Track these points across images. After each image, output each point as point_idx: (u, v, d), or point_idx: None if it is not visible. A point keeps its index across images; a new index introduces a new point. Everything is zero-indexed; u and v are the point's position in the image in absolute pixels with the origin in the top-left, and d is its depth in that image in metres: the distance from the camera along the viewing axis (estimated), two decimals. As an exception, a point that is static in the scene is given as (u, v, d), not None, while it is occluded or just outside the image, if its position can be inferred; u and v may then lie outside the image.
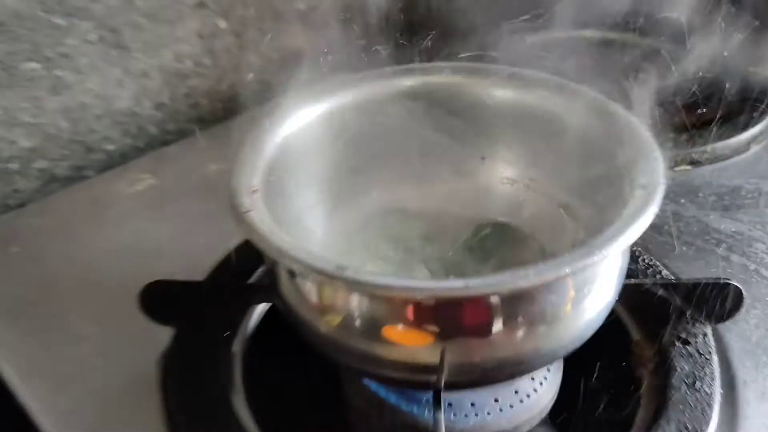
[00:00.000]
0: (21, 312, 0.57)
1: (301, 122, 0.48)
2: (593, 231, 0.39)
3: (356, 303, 0.37)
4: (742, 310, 0.51)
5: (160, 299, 0.51)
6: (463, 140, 0.54)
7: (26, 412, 0.51)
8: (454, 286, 0.34)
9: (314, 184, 0.50)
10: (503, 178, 0.55)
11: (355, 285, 0.35)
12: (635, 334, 0.53)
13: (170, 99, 0.80)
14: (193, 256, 0.61)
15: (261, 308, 0.56)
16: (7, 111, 0.69)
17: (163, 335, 0.53)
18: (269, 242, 0.37)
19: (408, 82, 0.52)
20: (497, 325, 0.38)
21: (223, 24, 0.81)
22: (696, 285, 0.50)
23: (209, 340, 0.52)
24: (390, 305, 0.37)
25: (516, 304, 0.37)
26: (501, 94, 0.52)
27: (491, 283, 0.35)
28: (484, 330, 0.38)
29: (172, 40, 0.78)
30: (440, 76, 0.52)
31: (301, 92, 0.49)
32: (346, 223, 0.52)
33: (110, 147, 0.78)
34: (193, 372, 0.51)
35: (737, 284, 0.50)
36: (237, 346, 0.53)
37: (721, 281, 0.50)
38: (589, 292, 0.40)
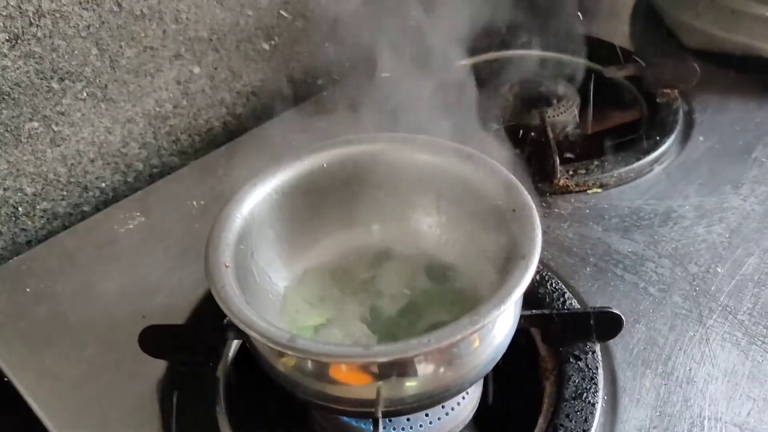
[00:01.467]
0: (38, 350, 0.69)
1: (258, 198, 0.59)
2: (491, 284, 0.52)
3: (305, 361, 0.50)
4: (623, 330, 0.63)
5: (155, 339, 0.63)
6: (390, 194, 0.66)
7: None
8: (376, 352, 0.47)
9: (272, 246, 0.62)
10: (428, 222, 0.67)
11: (302, 353, 0.47)
12: (542, 351, 0.65)
13: (153, 138, 0.91)
14: (180, 293, 0.73)
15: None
16: (13, 165, 0.80)
17: (160, 364, 0.66)
18: (237, 318, 0.49)
19: (342, 151, 0.63)
20: (420, 368, 0.51)
21: (197, 69, 0.92)
22: (586, 314, 0.63)
23: (196, 369, 0.65)
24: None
25: (430, 356, 0.49)
26: (418, 158, 0.63)
27: (400, 349, 0.47)
28: (409, 372, 0.51)
29: (153, 89, 0.88)
30: (366, 146, 0.63)
31: (256, 176, 0.60)
32: (299, 272, 0.65)
33: (103, 185, 0.89)
34: (184, 395, 0.63)
35: (617, 312, 0.62)
36: (220, 372, 0.66)
37: (605, 310, 0.63)
38: (490, 335, 0.52)
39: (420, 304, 0.63)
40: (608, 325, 0.63)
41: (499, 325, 0.54)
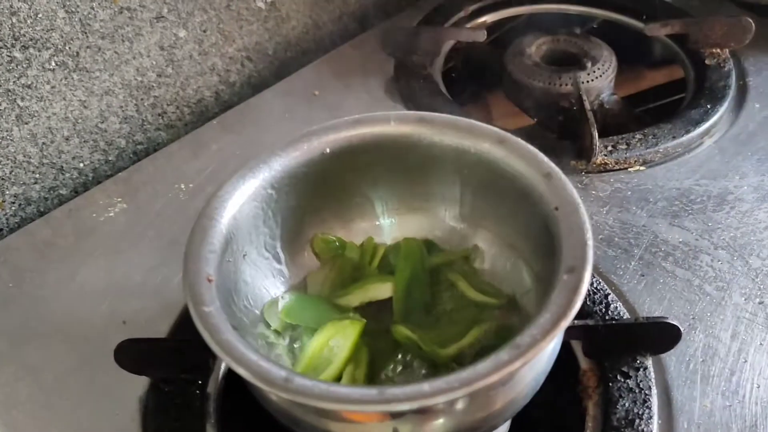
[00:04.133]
0: (7, 361, 0.61)
1: (248, 193, 0.50)
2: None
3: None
4: (680, 342, 0.54)
5: (134, 354, 0.54)
6: (405, 184, 0.56)
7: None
8: (392, 397, 0.37)
9: (266, 248, 0.53)
10: (450, 216, 0.57)
11: (299, 396, 0.38)
12: (582, 364, 0.56)
13: (136, 111, 0.81)
14: (167, 293, 0.64)
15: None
16: (-25, 146, 0.70)
17: (142, 379, 0.57)
18: (223, 351, 0.40)
19: (348, 134, 0.53)
20: (442, 407, 0.41)
21: (182, 32, 0.81)
22: (637, 325, 0.53)
23: (182, 385, 0.56)
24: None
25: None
26: (447, 140, 0.53)
27: (422, 394, 0.37)
28: (432, 411, 0.42)
29: (133, 56, 0.78)
30: (377, 127, 0.53)
31: (244, 166, 0.50)
32: (299, 277, 0.56)
33: (81, 165, 0.79)
34: (170, 415, 0.55)
35: (674, 323, 0.53)
36: (211, 388, 0.57)
37: (660, 320, 0.53)
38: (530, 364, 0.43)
39: (440, 314, 0.54)
40: (662, 336, 0.54)
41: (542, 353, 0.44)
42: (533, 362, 0.42)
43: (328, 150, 0.53)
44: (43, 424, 0.56)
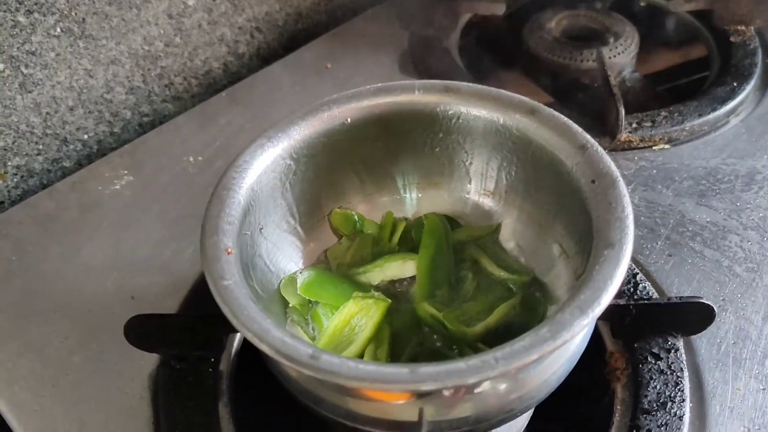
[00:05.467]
0: (3, 339, 0.58)
1: (267, 162, 0.47)
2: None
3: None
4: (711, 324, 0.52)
5: (144, 331, 0.52)
6: (429, 156, 0.54)
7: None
8: (425, 376, 0.35)
9: (283, 221, 0.50)
10: (476, 190, 0.55)
11: (327, 374, 0.36)
12: (610, 345, 0.54)
13: (143, 81, 0.79)
14: (176, 268, 0.62)
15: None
16: (-24, 114, 0.68)
17: (152, 356, 0.55)
18: (245, 326, 0.38)
19: (370, 103, 0.51)
20: (473, 388, 0.39)
21: (191, 1, 0.78)
22: (670, 305, 0.51)
23: (194, 363, 0.54)
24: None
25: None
26: (474, 111, 0.51)
27: (457, 372, 0.35)
28: (461, 392, 0.40)
29: (140, 24, 0.75)
30: (400, 96, 0.51)
31: (263, 135, 0.48)
32: (317, 253, 0.53)
33: (85, 137, 0.76)
34: (181, 393, 0.53)
35: (707, 302, 0.50)
36: (224, 365, 0.55)
37: (693, 300, 0.51)
38: (562, 351, 0.41)
39: (464, 292, 0.51)
40: (695, 317, 0.52)
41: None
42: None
43: (349, 120, 0.51)
44: (45, 401, 0.54)
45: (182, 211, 0.67)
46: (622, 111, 0.67)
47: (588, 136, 0.46)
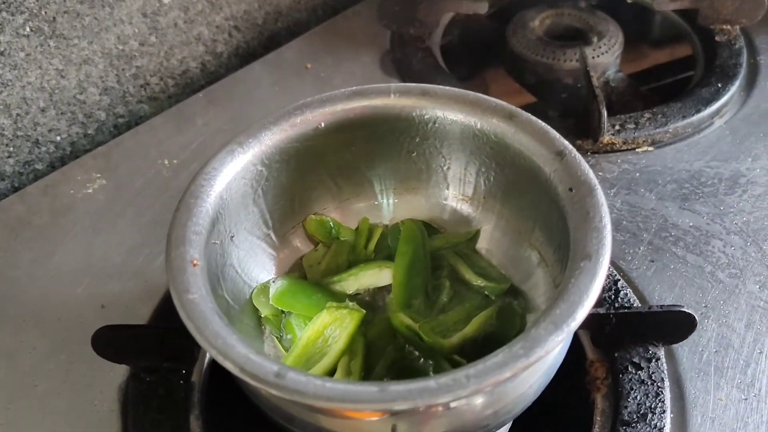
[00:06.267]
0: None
1: (237, 169, 0.46)
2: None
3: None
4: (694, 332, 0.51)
5: (112, 341, 0.51)
6: (405, 161, 0.53)
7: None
8: (394, 395, 0.34)
9: (255, 229, 0.49)
10: (452, 196, 0.54)
11: (292, 393, 0.35)
12: (591, 354, 0.53)
13: (117, 82, 0.77)
14: (146, 275, 0.61)
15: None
16: (-56, 116, 0.66)
17: (121, 367, 0.53)
18: (209, 343, 0.36)
19: (344, 107, 0.50)
20: (446, 405, 0.38)
21: (167, -1, 0.77)
22: (651, 314, 0.50)
23: (165, 374, 0.52)
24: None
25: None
26: (451, 115, 0.50)
27: (427, 392, 0.34)
28: (433, 410, 0.38)
29: (113, 23, 0.73)
30: (375, 100, 0.50)
31: (233, 140, 0.46)
32: (289, 262, 0.52)
33: (58, 138, 0.75)
34: (152, 405, 0.51)
35: (689, 311, 0.49)
36: (196, 377, 0.53)
37: (674, 309, 0.50)
38: (538, 366, 0.40)
39: (441, 301, 0.50)
40: (677, 325, 0.51)
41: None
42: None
43: (322, 124, 0.49)
44: (13, 415, 0.53)
45: (156, 216, 0.66)
46: (605, 113, 0.65)
47: (566, 143, 0.45)
